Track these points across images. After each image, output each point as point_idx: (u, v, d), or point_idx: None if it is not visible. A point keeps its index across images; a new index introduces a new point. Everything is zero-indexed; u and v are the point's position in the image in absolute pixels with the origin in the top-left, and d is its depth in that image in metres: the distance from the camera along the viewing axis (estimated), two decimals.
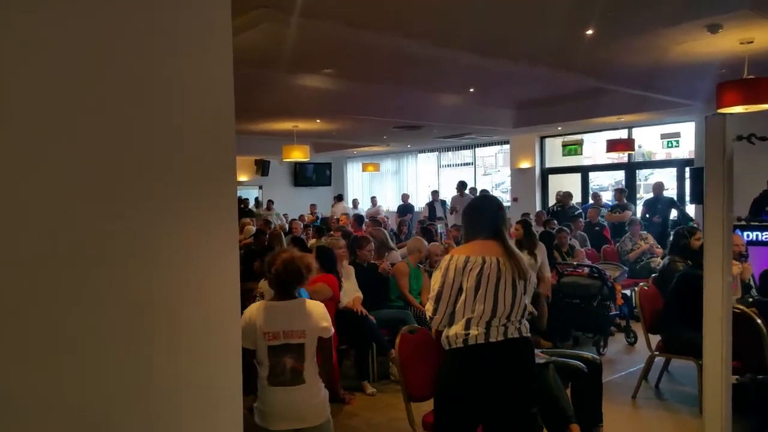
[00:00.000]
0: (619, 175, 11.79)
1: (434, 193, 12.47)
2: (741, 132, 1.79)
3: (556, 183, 12.07)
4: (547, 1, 4.29)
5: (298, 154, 9.93)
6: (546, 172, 12.42)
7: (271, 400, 2.48)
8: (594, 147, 11.77)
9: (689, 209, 9.41)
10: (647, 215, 8.62)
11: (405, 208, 12.56)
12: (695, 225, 5.36)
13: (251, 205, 13.43)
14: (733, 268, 3.76)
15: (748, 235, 4.99)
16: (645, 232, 7.26)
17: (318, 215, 12.49)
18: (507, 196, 13.09)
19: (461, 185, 11.46)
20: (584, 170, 12.04)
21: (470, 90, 8.21)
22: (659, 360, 4.22)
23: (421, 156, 15.12)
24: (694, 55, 6.02)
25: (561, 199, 9.46)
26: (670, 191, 10.07)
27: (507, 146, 12.96)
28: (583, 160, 12.09)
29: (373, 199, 14.17)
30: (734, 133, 1.78)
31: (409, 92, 8.05)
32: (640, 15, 4.72)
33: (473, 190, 12.02)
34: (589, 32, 5.19)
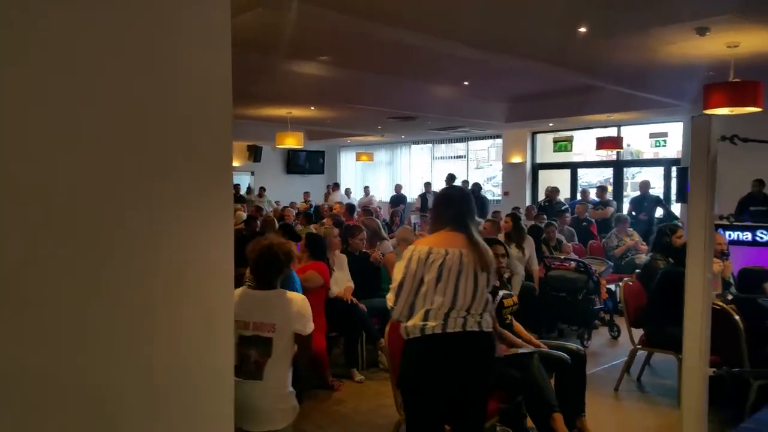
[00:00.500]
0: (608, 172, 11.92)
1: (427, 185, 12.53)
2: (726, 133, 1.85)
3: (546, 178, 12.17)
4: None
5: (292, 141, 9.89)
6: (537, 168, 12.52)
7: (236, 394, 2.39)
8: (584, 144, 11.88)
9: (675, 208, 9.54)
10: (633, 213, 8.71)
11: (397, 199, 12.62)
12: (680, 223, 5.45)
13: (242, 191, 13.36)
14: (714, 266, 3.85)
15: (730, 235, 5.09)
16: (631, 228, 7.37)
17: (311, 203, 12.48)
18: (498, 190, 13.20)
19: (450, 178, 11.53)
20: (573, 167, 12.15)
21: (465, 83, 8.24)
22: (641, 354, 4.32)
23: (414, 147, 15.14)
24: (683, 56, 6.11)
25: (548, 195, 9.57)
26: (657, 190, 10.20)
27: (499, 140, 13.03)
28: (573, 157, 12.20)
29: (366, 188, 14.19)
30: (719, 134, 1.83)
31: (404, 82, 8.06)
32: (632, 14, 4.79)
33: (465, 183, 12.09)
34: (582, 29, 5.24)
